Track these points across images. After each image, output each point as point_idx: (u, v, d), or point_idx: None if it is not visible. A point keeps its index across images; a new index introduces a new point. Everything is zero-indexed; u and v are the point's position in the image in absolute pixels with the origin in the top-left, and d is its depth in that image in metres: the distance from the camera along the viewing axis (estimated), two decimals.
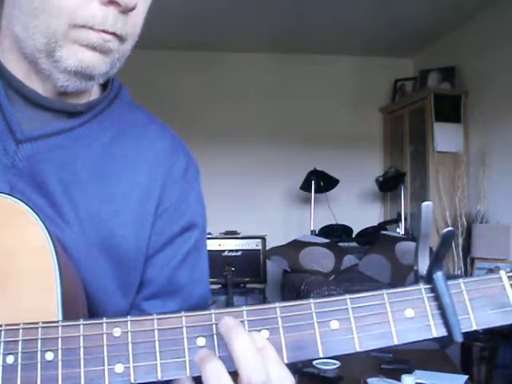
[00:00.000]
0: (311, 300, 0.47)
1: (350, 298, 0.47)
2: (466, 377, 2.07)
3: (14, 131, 0.60)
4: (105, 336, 0.45)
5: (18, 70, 0.62)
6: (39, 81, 0.61)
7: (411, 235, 4.07)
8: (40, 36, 0.57)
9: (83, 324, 0.46)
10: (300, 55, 4.76)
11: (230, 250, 4.09)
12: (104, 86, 0.69)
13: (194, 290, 0.70)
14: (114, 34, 0.57)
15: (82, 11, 0.55)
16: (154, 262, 0.67)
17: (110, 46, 0.58)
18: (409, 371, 1.99)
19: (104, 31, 0.56)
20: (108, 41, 0.57)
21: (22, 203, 0.52)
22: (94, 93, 0.68)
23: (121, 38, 0.59)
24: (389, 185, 4.32)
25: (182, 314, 0.46)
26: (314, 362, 2.09)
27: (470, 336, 0.46)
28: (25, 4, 0.57)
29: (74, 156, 0.63)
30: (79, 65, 0.57)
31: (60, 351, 0.45)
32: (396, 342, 0.46)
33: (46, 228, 0.52)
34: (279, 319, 0.46)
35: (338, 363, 2.11)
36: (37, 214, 0.52)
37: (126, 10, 0.57)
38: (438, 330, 0.46)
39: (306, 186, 4.28)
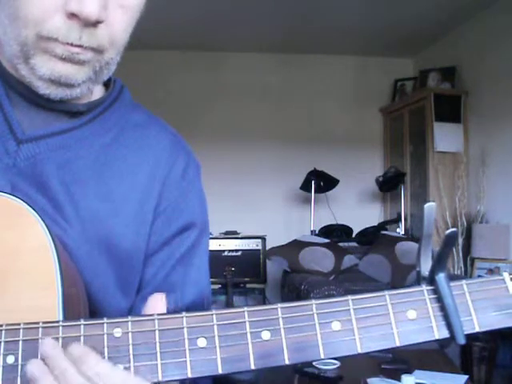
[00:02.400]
0: (313, 301, 0.47)
1: (352, 299, 0.47)
2: (466, 377, 2.07)
3: (14, 131, 0.60)
4: (105, 336, 0.45)
5: (13, 71, 0.61)
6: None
7: (411, 235, 4.07)
8: (14, 43, 0.56)
9: (84, 324, 0.46)
10: (300, 55, 4.75)
11: (230, 250, 4.09)
12: (106, 86, 0.69)
13: (189, 290, 0.68)
14: (80, 46, 0.55)
15: (46, 24, 0.54)
16: (153, 261, 0.67)
17: (80, 58, 0.56)
18: (409, 371, 1.99)
19: (69, 44, 0.55)
20: (76, 53, 0.56)
21: (23, 203, 0.52)
22: (96, 93, 0.68)
23: (95, 50, 0.57)
24: (389, 185, 4.32)
25: (183, 314, 0.46)
26: (314, 362, 2.09)
27: (470, 336, 0.46)
28: (5, 8, 0.56)
29: (75, 156, 0.63)
30: (52, 73, 0.56)
31: None
32: (398, 344, 0.46)
33: (47, 228, 0.51)
34: (280, 320, 0.46)
35: (337, 363, 2.11)
36: (38, 214, 0.52)
37: (89, 24, 0.55)
38: (440, 332, 0.46)
39: (306, 186, 4.28)
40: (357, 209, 4.72)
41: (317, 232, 4.27)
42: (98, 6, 0.53)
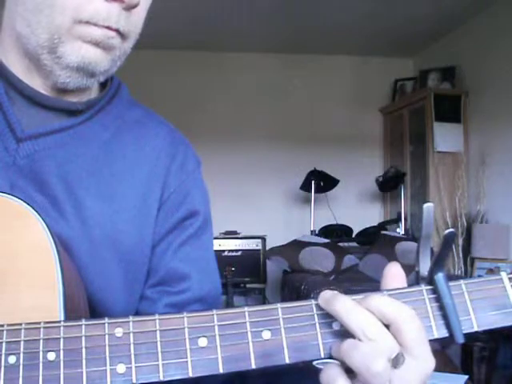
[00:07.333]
0: (313, 301, 0.47)
1: (352, 299, 0.47)
2: (466, 377, 2.07)
3: (14, 130, 0.61)
4: (107, 336, 0.45)
5: (18, 67, 0.62)
6: (40, 78, 0.62)
7: (411, 235, 4.07)
8: (43, 32, 0.57)
9: (85, 324, 0.46)
10: (300, 55, 4.75)
11: (229, 250, 4.09)
12: (103, 85, 0.69)
13: (198, 279, 0.68)
14: (117, 30, 0.58)
15: (87, 7, 0.56)
16: (156, 251, 0.67)
17: (112, 43, 0.58)
18: None
19: (108, 27, 0.57)
20: (111, 37, 0.58)
21: (23, 203, 0.52)
22: (94, 91, 0.68)
23: (123, 36, 0.59)
24: (389, 185, 4.32)
25: (184, 314, 0.46)
26: (314, 362, 2.08)
27: (470, 336, 0.46)
28: (28, 0, 0.57)
29: (75, 154, 0.63)
30: (82, 61, 0.58)
31: (62, 351, 0.45)
32: None
33: (48, 227, 0.52)
34: (281, 320, 0.46)
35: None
36: (38, 214, 0.52)
37: (130, 7, 0.57)
38: (439, 331, 0.46)
39: (305, 186, 4.28)
40: (357, 209, 4.72)
41: (317, 232, 4.27)
42: None
